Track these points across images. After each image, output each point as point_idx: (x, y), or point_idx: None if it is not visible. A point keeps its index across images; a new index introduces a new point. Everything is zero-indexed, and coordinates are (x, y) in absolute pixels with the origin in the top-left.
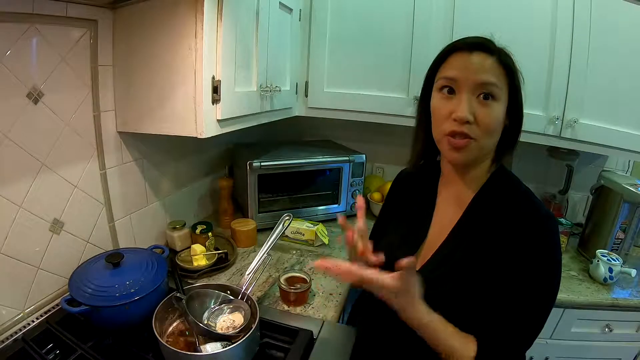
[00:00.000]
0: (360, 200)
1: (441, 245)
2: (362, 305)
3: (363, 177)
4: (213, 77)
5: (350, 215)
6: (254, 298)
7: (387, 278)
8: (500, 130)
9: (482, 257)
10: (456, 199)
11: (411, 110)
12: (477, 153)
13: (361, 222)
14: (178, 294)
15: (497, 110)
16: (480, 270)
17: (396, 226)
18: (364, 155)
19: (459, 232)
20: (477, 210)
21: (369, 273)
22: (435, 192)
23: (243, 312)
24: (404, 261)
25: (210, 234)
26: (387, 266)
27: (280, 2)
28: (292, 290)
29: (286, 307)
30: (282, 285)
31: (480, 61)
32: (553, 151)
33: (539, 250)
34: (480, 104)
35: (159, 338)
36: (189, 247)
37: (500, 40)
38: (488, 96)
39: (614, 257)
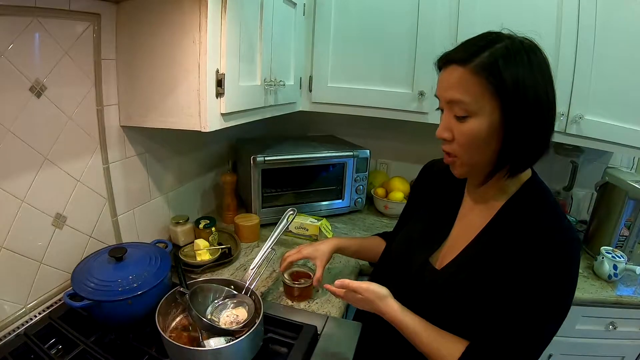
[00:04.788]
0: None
1: (465, 249)
2: None
3: (367, 173)
4: (217, 71)
5: (354, 211)
6: (258, 293)
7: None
8: (490, 144)
9: (501, 268)
10: (483, 204)
11: (416, 105)
12: (467, 169)
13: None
14: (181, 289)
15: (473, 126)
16: (498, 280)
17: (417, 220)
18: (368, 151)
19: (485, 239)
20: (505, 220)
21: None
22: (462, 192)
23: (247, 307)
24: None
25: (213, 228)
26: (404, 259)
27: None
28: (296, 286)
29: (290, 303)
30: (286, 281)
31: (446, 77)
32: (558, 147)
33: (551, 274)
34: (457, 120)
35: (162, 333)
36: (192, 242)
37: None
38: (459, 114)
39: (619, 254)
